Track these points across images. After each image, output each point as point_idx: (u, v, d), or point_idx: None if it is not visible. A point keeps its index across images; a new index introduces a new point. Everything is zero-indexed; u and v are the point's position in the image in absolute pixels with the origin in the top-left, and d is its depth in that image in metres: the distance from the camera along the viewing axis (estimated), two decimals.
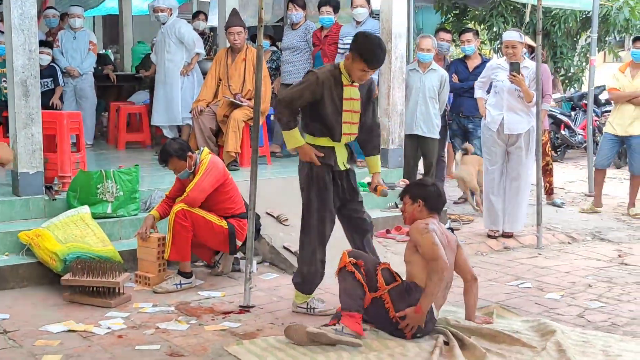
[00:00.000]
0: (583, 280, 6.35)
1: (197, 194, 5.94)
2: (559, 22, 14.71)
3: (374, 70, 5.29)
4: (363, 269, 4.70)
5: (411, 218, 5.01)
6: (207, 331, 4.98)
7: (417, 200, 4.98)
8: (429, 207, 4.97)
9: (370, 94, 5.39)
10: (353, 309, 4.65)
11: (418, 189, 5.08)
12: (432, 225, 4.81)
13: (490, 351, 4.54)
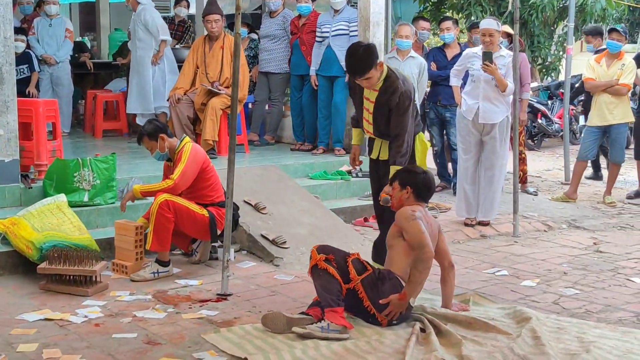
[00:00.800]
0: (558, 268, 6.39)
1: (182, 180, 5.92)
2: (536, 11, 14.74)
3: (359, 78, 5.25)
4: (334, 262, 4.71)
5: (398, 204, 5.02)
6: (185, 319, 4.97)
7: (406, 186, 4.99)
8: (417, 194, 4.98)
9: (392, 102, 5.28)
10: (334, 304, 4.64)
11: (408, 175, 5.06)
12: (418, 212, 4.83)
13: (466, 338, 4.56)
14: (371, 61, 5.16)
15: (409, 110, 5.21)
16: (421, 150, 5.53)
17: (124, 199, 6.13)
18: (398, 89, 5.21)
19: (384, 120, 5.37)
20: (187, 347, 4.51)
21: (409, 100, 5.20)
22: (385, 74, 5.28)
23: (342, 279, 4.69)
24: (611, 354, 4.36)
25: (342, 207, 7.66)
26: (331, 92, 9.00)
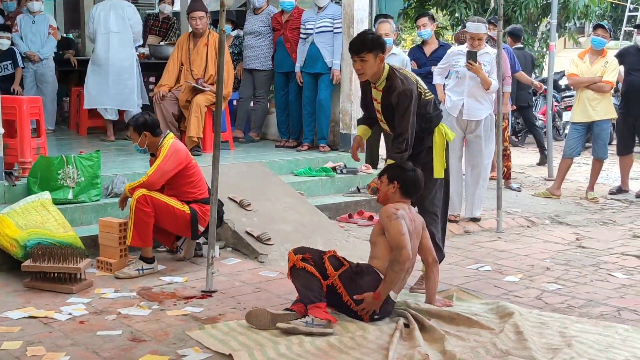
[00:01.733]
0: (541, 263, 6.42)
1: (156, 177, 5.91)
2: (519, 8, 14.81)
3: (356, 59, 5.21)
4: (311, 260, 4.74)
5: (384, 198, 5.05)
6: (169, 316, 4.97)
7: (393, 181, 5.01)
8: (403, 191, 4.99)
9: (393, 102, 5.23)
10: (317, 300, 4.66)
11: (397, 171, 5.06)
12: (401, 211, 4.84)
13: (449, 333, 4.58)
14: (371, 46, 5.14)
15: (409, 109, 5.15)
16: (439, 144, 5.43)
17: (120, 200, 6.15)
18: (397, 89, 5.18)
19: (392, 120, 5.34)
20: (172, 343, 4.50)
21: (408, 100, 5.14)
22: (387, 74, 5.25)
23: (321, 276, 4.72)
24: (592, 348, 4.39)
25: (326, 204, 7.67)
26: (316, 89, 9.00)
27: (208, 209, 5.82)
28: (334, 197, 7.99)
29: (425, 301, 5.12)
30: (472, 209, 7.81)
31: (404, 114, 5.17)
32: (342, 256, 4.95)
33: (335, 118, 9.08)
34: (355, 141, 5.72)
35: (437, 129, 5.42)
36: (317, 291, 4.67)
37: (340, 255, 4.93)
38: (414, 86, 5.24)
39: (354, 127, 8.82)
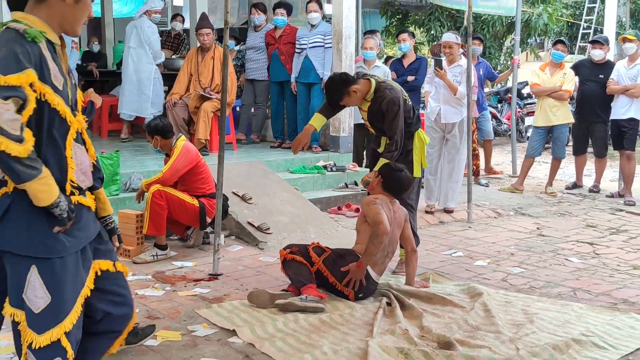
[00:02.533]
0: (506, 250, 6.44)
1: (170, 174, 5.92)
2: (487, 26, 14.86)
3: (340, 104, 5.33)
4: (298, 252, 4.79)
5: (371, 188, 5.10)
6: (181, 296, 4.96)
7: (379, 175, 5.05)
8: (384, 186, 5.01)
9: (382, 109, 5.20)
10: (307, 282, 4.69)
11: (386, 168, 5.08)
12: (379, 201, 4.86)
13: (426, 311, 4.59)
14: (342, 92, 5.18)
15: (398, 114, 5.16)
16: (419, 146, 5.44)
17: (137, 194, 6.13)
18: (385, 98, 5.18)
19: (380, 124, 5.33)
20: (183, 320, 4.50)
21: (396, 107, 5.15)
22: (375, 87, 5.24)
23: (308, 263, 4.76)
24: (551, 324, 4.40)
25: (318, 198, 7.66)
26: (309, 97, 8.99)
27: (215, 203, 5.81)
28: (325, 192, 7.99)
29: (405, 283, 5.13)
30: (446, 201, 7.84)
31: (394, 119, 5.18)
32: (326, 245, 4.99)
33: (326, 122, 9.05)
34: (304, 133, 5.55)
35: (416, 133, 5.43)
36: (306, 275, 4.71)
37: (323, 246, 4.96)
38: (400, 94, 5.26)
39: (342, 131, 8.83)
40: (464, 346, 3.96)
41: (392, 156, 5.21)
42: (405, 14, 16.08)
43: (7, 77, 2.39)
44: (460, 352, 3.84)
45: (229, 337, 4.22)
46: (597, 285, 5.37)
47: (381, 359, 3.74)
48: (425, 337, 4.13)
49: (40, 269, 2.55)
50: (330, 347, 3.96)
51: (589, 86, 9.07)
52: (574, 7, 21.14)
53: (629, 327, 4.38)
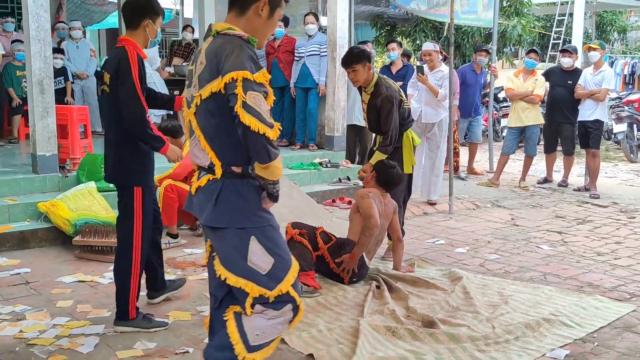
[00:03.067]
0: (484, 238, 6.43)
1: (180, 170, 5.93)
2: (467, 37, 14.83)
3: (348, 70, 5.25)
4: (306, 235, 4.73)
5: (366, 181, 5.10)
6: (190, 280, 4.95)
7: (374, 171, 5.05)
8: (377, 181, 5.01)
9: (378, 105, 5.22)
10: (307, 269, 4.63)
11: (380, 164, 5.09)
12: (372, 194, 4.86)
13: (411, 293, 4.59)
14: (358, 58, 5.15)
15: (392, 111, 5.15)
16: (407, 145, 5.43)
17: None
18: (382, 94, 5.19)
19: (374, 119, 5.32)
20: (193, 302, 4.50)
21: (390, 104, 5.14)
22: (375, 82, 5.24)
23: (313, 247, 4.72)
24: (524, 305, 4.41)
25: (315, 191, 7.65)
26: (306, 100, 8.97)
27: None
28: (321, 186, 7.98)
29: (393, 268, 5.14)
30: (429, 193, 7.85)
31: (388, 115, 5.17)
32: (332, 233, 4.96)
33: (321, 123, 9.05)
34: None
35: (405, 133, 5.41)
36: (308, 261, 4.66)
37: (329, 232, 4.93)
38: (396, 93, 5.26)
39: (336, 131, 8.81)
40: (445, 325, 3.97)
41: (387, 150, 5.21)
42: (393, 26, 16.05)
43: (256, 75, 2.59)
44: (442, 330, 3.85)
45: None
46: (565, 270, 5.37)
47: (371, 336, 3.75)
48: (411, 317, 4.13)
49: (259, 238, 2.71)
50: (325, 326, 3.96)
51: (559, 91, 9.07)
52: (545, 20, 21.16)
53: (594, 307, 4.39)
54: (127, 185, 3.99)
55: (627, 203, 8.27)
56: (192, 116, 2.79)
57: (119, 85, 3.82)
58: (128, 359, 3.60)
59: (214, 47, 2.71)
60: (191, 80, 2.81)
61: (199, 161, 2.83)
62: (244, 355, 2.73)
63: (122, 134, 3.90)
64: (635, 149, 12.52)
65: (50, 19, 6.55)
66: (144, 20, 3.92)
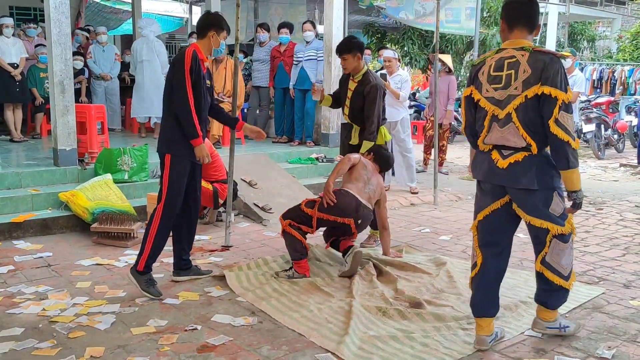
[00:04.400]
0: (466, 227, 6.40)
1: None
2: (450, 44, 14.81)
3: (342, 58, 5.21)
4: (295, 221, 4.58)
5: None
6: (199, 264, 4.92)
7: (371, 152, 5.04)
8: (374, 160, 5.00)
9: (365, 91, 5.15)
10: (298, 258, 4.58)
11: (377, 147, 5.09)
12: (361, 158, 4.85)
13: (400, 277, 4.57)
14: (349, 48, 5.15)
15: (376, 99, 5.11)
16: (380, 140, 5.35)
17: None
18: (370, 82, 5.15)
19: (357, 106, 5.26)
20: (200, 283, 4.48)
21: (375, 92, 5.10)
22: (364, 71, 5.22)
23: (306, 222, 4.57)
24: (503, 287, 4.31)
25: (312, 184, 7.62)
26: (304, 101, 8.94)
27: (226, 187, 5.78)
28: (317, 179, 7.96)
29: (382, 253, 5.11)
30: (405, 182, 7.94)
31: (373, 102, 5.12)
32: (317, 197, 4.79)
33: (318, 122, 9.02)
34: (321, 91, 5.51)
35: (379, 129, 5.36)
36: (299, 250, 4.57)
37: (311, 198, 4.78)
38: (383, 85, 5.23)
39: (331, 129, 8.79)
40: (431, 305, 3.96)
41: (373, 137, 5.18)
42: (384, 34, 16.02)
43: (567, 95, 3.13)
44: (428, 310, 3.84)
45: (238, 296, 4.21)
46: None
47: (363, 316, 3.74)
48: (399, 298, 4.12)
49: (558, 193, 3.27)
50: (316, 306, 3.95)
51: None
52: None
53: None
54: (161, 153, 4.25)
55: (595, 196, 8.27)
56: (512, 110, 3.20)
57: (173, 73, 4.14)
58: (142, 334, 3.58)
59: (534, 60, 3.16)
60: (503, 82, 3.23)
61: (513, 143, 3.24)
62: (566, 284, 3.45)
63: (167, 112, 4.24)
64: (602, 147, 12.53)
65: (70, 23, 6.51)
66: (209, 32, 4.35)
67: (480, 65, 3.37)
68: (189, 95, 4.10)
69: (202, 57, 4.26)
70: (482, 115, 3.33)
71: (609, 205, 7.63)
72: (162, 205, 4.18)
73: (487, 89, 3.30)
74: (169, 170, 4.19)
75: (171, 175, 4.19)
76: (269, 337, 3.57)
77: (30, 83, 9.33)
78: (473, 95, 3.38)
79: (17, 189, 6.22)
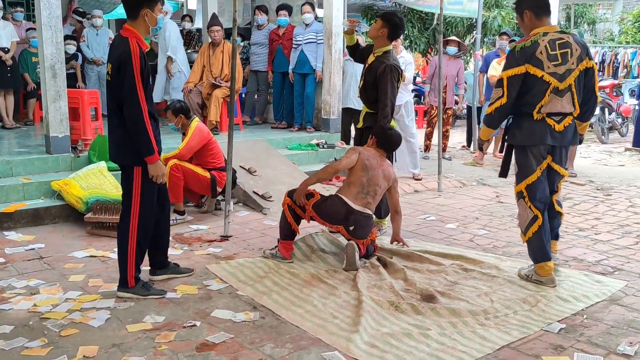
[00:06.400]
0: (472, 215, 6.24)
1: (185, 151, 5.69)
2: (451, 27, 14.57)
3: (375, 21, 5.02)
4: (293, 205, 4.49)
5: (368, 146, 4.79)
6: (197, 255, 4.75)
7: (373, 136, 4.78)
8: (378, 143, 4.72)
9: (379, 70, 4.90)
10: (283, 238, 4.53)
11: (379, 128, 4.79)
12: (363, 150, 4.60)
13: (407, 267, 4.39)
14: (383, 18, 4.94)
15: (388, 79, 4.85)
16: None
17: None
18: (385, 62, 4.90)
19: (369, 81, 5.01)
20: (199, 276, 4.29)
21: (389, 72, 4.85)
22: (386, 49, 4.99)
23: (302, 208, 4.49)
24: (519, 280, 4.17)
25: (312, 170, 7.35)
26: (304, 85, 8.71)
27: (224, 175, 5.60)
28: (318, 165, 7.74)
29: (392, 236, 4.81)
30: (408, 168, 7.73)
31: (384, 83, 4.87)
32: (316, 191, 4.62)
33: (318, 107, 8.80)
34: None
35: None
36: (286, 232, 4.52)
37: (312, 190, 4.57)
38: (399, 66, 5.00)
39: (332, 114, 8.57)
40: (444, 297, 3.77)
41: (388, 120, 4.92)
42: None
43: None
44: (442, 304, 3.64)
45: (238, 290, 4.02)
46: None
47: (374, 312, 3.54)
48: (410, 290, 3.92)
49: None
50: (320, 300, 3.75)
51: None
52: None
53: (588, 283, 4.15)
54: (127, 165, 3.80)
55: (602, 181, 8.09)
56: (573, 81, 3.89)
57: (121, 80, 3.60)
58: (138, 332, 3.39)
59: (575, 40, 3.91)
60: (560, 59, 3.83)
61: (566, 110, 3.93)
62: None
63: (118, 118, 3.71)
64: (606, 131, 12.35)
65: (61, 7, 6.26)
66: (142, 10, 3.68)
67: (535, 46, 3.84)
68: (143, 106, 3.59)
69: (144, 46, 3.68)
70: (543, 89, 3.86)
71: (617, 191, 7.45)
72: (137, 223, 3.80)
73: (548, 66, 3.83)
74: (141, 184, 3.78)
75: (143, 189, 3.79)
76: (272, 334, 3.38)
77: (22, 68, 9.10)
78: (531, 72, 3.84)
79: (8, 177, 6.00)
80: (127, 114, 3.63)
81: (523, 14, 3.98)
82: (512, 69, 3.87)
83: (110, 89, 3.71)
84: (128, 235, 3.84)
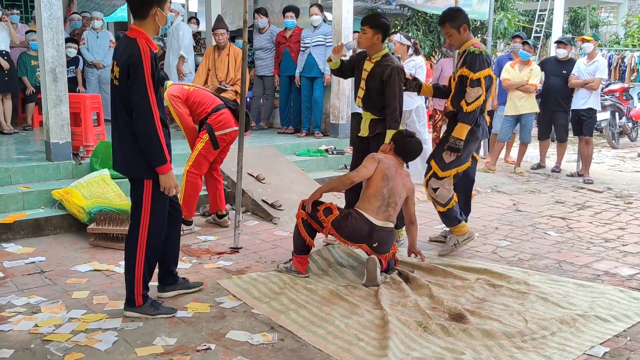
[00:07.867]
0: (491, 224, 5.99)
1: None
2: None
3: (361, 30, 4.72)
4: (309, 219, 4.22)
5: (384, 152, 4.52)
6: (207, 269, 4.50)
7: (392, 141, 4.52)
8: (396, 150, 4.48)
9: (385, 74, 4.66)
10: (298, 252, 4.31)
11: (399, 135, 4.54)
12: (383, 158, 4.35)
13: (430, 282, 4.14)
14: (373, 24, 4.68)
15: (397, 82, 4.64)
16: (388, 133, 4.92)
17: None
18: (391, 65, 4.67)
19: (374, 89, 4.76)
20: (210, 292, 4.04)
21: (397, 74, 4.64)
22: (384, 52, 4.76)
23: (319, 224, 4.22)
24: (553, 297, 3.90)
25: (322, 177, 7.15)
26: (312, 89, 8.48)
27: (219, 116, 5.29)
28: (327, 172, 7.50)
29: (408, 248, 4.56)
30: (421, 175, 7.46)
31: (394, 86, 4.64)
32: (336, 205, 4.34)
33: (327, 111, 8.57)
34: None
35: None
36: (300, 246, 4.29)
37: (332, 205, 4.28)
38: (403, 68, 4.77)
39: (341, 119, 8.34)
40: (474, 317, 3.52)
41: (398, 124, 4.68)
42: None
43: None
44: (474, 325, 3.39)
45: (253, 308, 3.77)
46: (577, 257, 4.93)
47: (402, 334, 3.29)
48: (437, 309, 3.68)
49: None
50: (342, 320, 3.50)
51: (553, 80, 8.62)
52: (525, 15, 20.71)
53: (626, 300, 3.91)
54: (137, 177, 3.55)
55: (620, 188, 7.85)
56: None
57: (131, 85, 3.33)
58: (148, 356, 3.14)
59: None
60: None
61: None
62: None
63: (126, 127, 3.43)
64: (617, 135, 12.12)
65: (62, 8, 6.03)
66: (151, 9, 3.42)
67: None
68: (155, 112, 3.33)
69: (153, 47, 3.43)
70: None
71: (637, 199, 7.21)
72: (146, 238, 3.56)
73: None
74: (152, 197, 3.53)
75: (154, 203, 3.54)
76: (293, 358, 3.13)
77: (21, 71, 8.86)
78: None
79: (7, 185, 5.75)
80: (137, 121, 3.36)
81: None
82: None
83: (118, 93, 3.43)
84: (136, 251, 3.59)
